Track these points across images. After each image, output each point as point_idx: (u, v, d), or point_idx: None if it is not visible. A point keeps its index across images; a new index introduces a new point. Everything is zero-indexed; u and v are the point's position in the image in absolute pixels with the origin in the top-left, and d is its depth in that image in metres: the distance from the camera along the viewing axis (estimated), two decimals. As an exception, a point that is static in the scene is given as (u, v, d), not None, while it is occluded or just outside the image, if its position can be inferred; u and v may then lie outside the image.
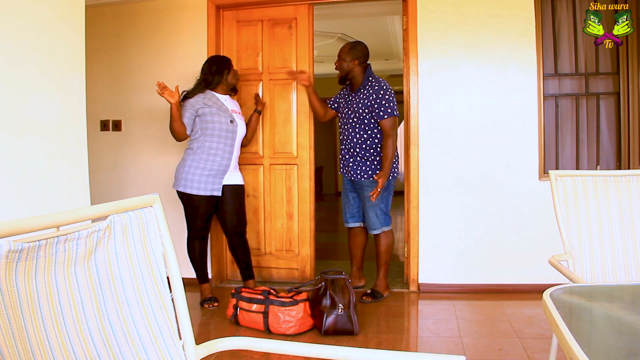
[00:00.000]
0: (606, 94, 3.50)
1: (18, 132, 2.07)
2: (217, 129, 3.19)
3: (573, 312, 1.16)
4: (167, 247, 1.16)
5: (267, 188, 3.79)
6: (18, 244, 0.82)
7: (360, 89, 3.28)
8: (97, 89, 3.75)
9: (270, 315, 2.78)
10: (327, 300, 2.74)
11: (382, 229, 3.30)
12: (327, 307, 2.72)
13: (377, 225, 3.30)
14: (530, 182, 3.43)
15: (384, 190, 3.22)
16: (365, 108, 3.21)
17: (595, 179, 1.89)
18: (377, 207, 3.26)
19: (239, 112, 3.40)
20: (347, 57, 3.28)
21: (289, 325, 2.76)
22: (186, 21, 3.77)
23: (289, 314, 2.76)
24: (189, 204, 3.25)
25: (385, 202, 3.30)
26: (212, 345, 1.18)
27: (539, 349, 2.46)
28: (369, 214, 3.30)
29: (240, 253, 3.39)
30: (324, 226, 6.41)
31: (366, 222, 3.37)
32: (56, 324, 0.90)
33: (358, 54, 3.27)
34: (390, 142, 3.17)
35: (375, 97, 3.17)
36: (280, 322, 2.76)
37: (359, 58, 3.27)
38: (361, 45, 3.33)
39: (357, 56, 3.27)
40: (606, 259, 1.83)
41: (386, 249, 3.34)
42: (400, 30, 5.74)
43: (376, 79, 3.27)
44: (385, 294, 3.39)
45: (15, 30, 2.05)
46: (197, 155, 3.19)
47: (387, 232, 3.33)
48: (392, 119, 3.16)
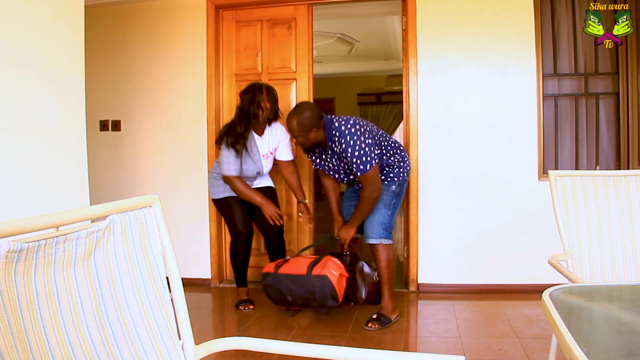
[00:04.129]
0: (606, 94, 3.50)
1: (17, 132, 2.07)
2: (242, 174, 3.11)
3: (572, 312, 1.16)
4: (166, 247, 1.16)
5: (267, 188, 3.79)
6: (17, 244, 0.82)
7: (329, 145, 2.83)
8: (96, 89, 3.75)
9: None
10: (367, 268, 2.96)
11: (380, 240, 2.85)
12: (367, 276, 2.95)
13: (374, 233, 2.85)
14: (529, 182, 3.43)
15: (392, 198, 2.87)
16: (346, 165, 2.83)
17: (595, 179, 1.89)
18: (381, 212, 2.86)
19: (271, 151, 3.19)
20: (305, 134, 2.76)
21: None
22: (185, 21, 3.77)
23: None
24: (224, 210, 3.21)
25: (392, 211, 2.89)
26: (212, 345, 1.18)
27: (538, 349, 2.46)
28: (368, 218, 2.88)
29: (277, 251, 3.30)
30: (324, 226, 6.40)
31: (364, 227, 2.93)
32: (55, 324, 0.90)
33: (312, 122, 2.74)
34: (367, 196, 2.75)
35: (345, 154, 2.73)
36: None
37: (314, 124, 2.74)
38: (305, 111, 2.76)
39: (311, 124, 2.74)
40: (605, 259, 1.83)
41: (387, 265, 2.88)
42: (399, 30, 5.73)
43: (339, 131, 2.74)
44: (394, 317, 2.92)
45: (14, 30, 2.05)
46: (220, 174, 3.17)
47: (387, 246, 2.88)
48: (369, 173, 2.71)
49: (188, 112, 3.75)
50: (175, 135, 3.81)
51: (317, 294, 2.82)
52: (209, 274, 3.79)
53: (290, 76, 3.74)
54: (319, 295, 2.81)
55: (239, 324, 3.03)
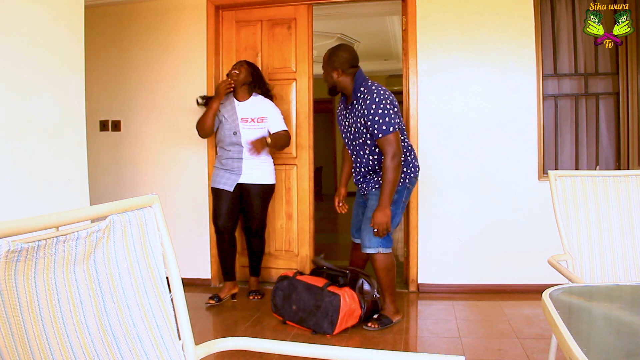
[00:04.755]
0: (605, 94, 3.50)
1: (17, 132, 2.07)
2: (223, 138, 3.32)
3: (572, 312, 1.16)
4: (166, 248, 1.16)
5: (267, 188, 3.79)
6: (17, 244, 0.82)
7: (353, 102, 2.81)
8: (96, 89, 3.75)
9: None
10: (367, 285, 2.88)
11: (378, 249, 2.76)
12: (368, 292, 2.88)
13: (372, 242, 2.75)
14: (529, 182, 3.43)
15: (391, 205, 2.73)
16: (362, 126, 2.76)
17: (595, 179, 1.89)
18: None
19: (254, 118, 3.30)
20: (328, 68, 2.81)
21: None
22: (185, 21, 3.77)
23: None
24: (214, 199, 3.39)
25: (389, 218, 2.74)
26: (212, 345, 1.18)
27: (538, 349, 2.46)
28: (366, 227, 2.78)
29: (254, 251, 3.49)
30: (324, 226, 6.41)
31: (360, 236, 2.88)
32: (55, 324, 0.90)
33: (339, 62, 2.77)
34: (388, 162, 2.64)
35: (367, 113, 2.68)
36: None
37: (341, 66, 2.77)
38: (342, 50, 2.82)
39: (338, 64, 2.77)
40: (605, 259, 1.83)
41: (386, 273, 2.81)
42: (399, 30, 5.73)
43: (368, 88, 2.74)
44: (395, 319, 2.88)
45: (14, 30, 2.05)
46: (217, 157, 3.45)
47: (385, 255, 2.78)
48: (389, 136, 2.66)
49: (188, 112, 3.75)
50: (175, 136, 3.81)
51: (321, 308, 2.76)
52: (209, 274, 3.79)
53: (290, 76, 3.74)
54: (322, 311, 2.75)
55: (239, 324, 3.03)
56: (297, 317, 2.87)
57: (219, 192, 3.33)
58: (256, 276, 3.55)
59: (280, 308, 2.96)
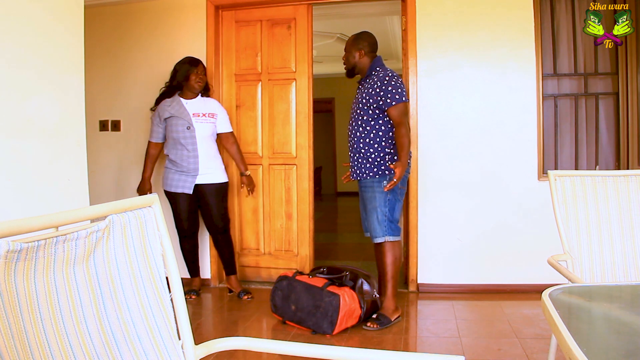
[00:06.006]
0: (605, 94, 3.51)
1: (17, 132, 2.07)
2: (176, 136, 3.32)
3: (572, 312, 1.16)
4: (166, 248, 1.16)
5: (266, 188, 3.79)
6: (17, 244, 0.82)
7: (365, 79, 3.03)
8: (96, 89, 3.75)
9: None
10: (367, 286, 2.90)
11: (385, 237, 2.87)
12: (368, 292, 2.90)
13: (378, 232, 2.88)
14: (529, 182, 3.43)
15: (387, 193, 2.86)
16: (370, 98, 2.90)
17: (594, 179, 1.89)
18: (379, 210, 2.87)
19: (205, 113, 3.38)
20: (352, 49, 3.06)
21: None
22: (185, 21, 3.77)
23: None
24: (171, 204, 3.41)
25: (390, 206, 2.88)
26: (211, 345, 1.18)
27: (538, 349, 2.46)
28: (369, 218, 2.92)
29: (223, 249, 3.50)
30: (323, 226, 6.40)
31: (367, 228, 2.99)
32: (55, 324, 0.90)
33: (362, 44, 3.05)
34: (403, 131, 2.82)
35: (380, 84, 2.87)
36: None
37: (364, 48, 3.04)
38: (366, 35, 3.11)
39: (362, 46, 3.04)
40: (605, 259, 1.83)
41: (392, 262, 2.89)
42: (399, 30, 5.73)
43: (383, 68, 2.99)
44: (394, 317, 2.89)
45: (13, 30, 2.05)
46: (169, 161, 3.40)
47: (393, 243, 2.89)
48: (400, 105, 2.84)
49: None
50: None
51: (321, 308, 2.76)
52: (208, 274, 3.79)
53: (289, 76, 3.74)
54: (322, 311, 2.75)
55: (239, 324, 3.03)
56: (296, 317, 2.87)
57: (177, 195, 3.35)
58: (234, 274, 3.54)
59: (279, 308, 2.96)
